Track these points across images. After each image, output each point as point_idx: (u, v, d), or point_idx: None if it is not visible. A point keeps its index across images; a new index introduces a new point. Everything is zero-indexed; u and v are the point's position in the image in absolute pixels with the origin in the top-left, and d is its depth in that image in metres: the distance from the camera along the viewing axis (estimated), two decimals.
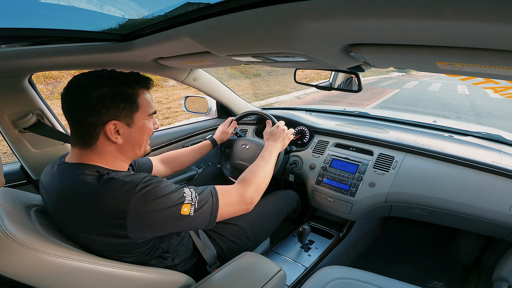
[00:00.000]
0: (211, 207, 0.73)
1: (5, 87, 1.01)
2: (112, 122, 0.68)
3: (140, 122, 0.74)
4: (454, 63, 0.52)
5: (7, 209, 0.62)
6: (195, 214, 0.70)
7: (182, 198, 0.69)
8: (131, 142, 0.74)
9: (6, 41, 0.76)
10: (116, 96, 0.68)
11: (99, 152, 0.71)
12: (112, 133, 0.69)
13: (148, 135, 0.78)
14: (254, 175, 0.90)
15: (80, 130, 0.69)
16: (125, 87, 0.69)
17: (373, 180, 1.30)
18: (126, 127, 0.72)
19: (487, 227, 1.16)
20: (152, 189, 0.66)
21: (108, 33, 0.84)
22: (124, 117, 0.70)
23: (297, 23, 0.47)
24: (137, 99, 0.72)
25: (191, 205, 0.69)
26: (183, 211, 0.68)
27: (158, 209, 0.65)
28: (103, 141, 0.70)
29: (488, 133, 1.40)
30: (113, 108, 0.68)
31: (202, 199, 0.72)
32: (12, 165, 1.20)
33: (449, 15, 0.33)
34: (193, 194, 0.72)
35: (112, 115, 0.68)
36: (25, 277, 0.56)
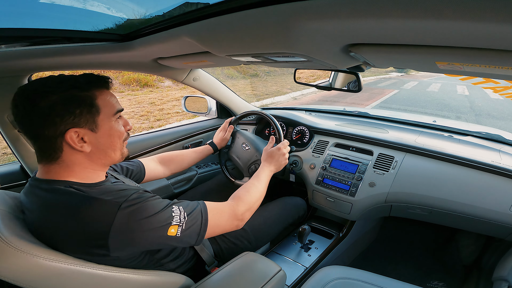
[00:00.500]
0: (199, 228, 0.71)
1: (5, 87, 1.01)
2: (73, 130, 0.62)
3: (106, 125, 0.68)
4: (454, 63, 0.52)
5: (3, 213, 0.61)
6: (182, 234, 0.68)
7: (170, 218, 0.67)
8: (101, 148, 0.69)
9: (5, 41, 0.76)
10: (69, 102, 0.62)
11: (67, 165, 0.66)
12: (75, 141, 0.63)
13: (120, 137, 0.72)
14: (248, 193, 0.90)
15: (40, 144, 0.64)
16: (77, 91, 0.63)
17: (373, 180, 1.30)
18: (91, 133, 0.66)
19: (487, 227, 1.16)
20: (138, 208, 0.63)
21: (108, 33, 0.84)
22: (85, 123, 0.64)
23: (296, 23, 0.47)
24: (95, 101, 0.66)
25: (179, 226, 0.67)
26: (170, 232, 0.66)
27: (143, 229, 0.63)
28: (68, 152, 0.65)
29: (488, 133, 1.40)
30: (68, 115, 0.62)
31: (191, 220, 0.70)
32: (11, 165, 1.20)
33: (448, 15, 0.33)
34: (182, 215, 0.69)
35: (69, 122, 0.62)
36: (21, 280, 0.56)
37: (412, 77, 14.28)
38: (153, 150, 1.52)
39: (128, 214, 0.62)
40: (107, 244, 0.60)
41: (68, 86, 0.63)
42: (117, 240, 0.61)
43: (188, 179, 1.71)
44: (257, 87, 8.82)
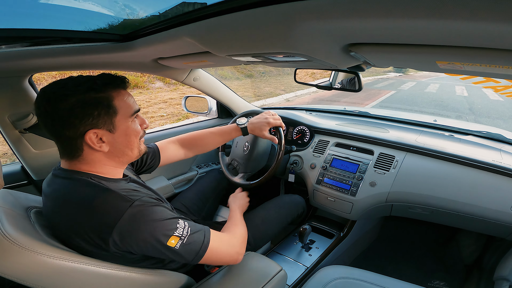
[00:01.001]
0: (199, 248, 0.70)
1: (6, 87, 1.01)
2: (92, 131, 0.65)
3: (123, 125, 0.70)
4: (455, 62, 0.52)
5: (7, 211, 0.62)
6: (180, 248, 0.67)
7: (174, 229, 0.67)
8: (119, 148, 0.71)
9: (6, 42, 0.76)
10: (87, 104, 0.64)
11: (87, 162, 0.69)
12: (94, 142, 0.66)
13: (136, 136, 0.74)
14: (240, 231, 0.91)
15: (62, 143, 0.67)
16: (94, 93, 0.65)
17: (373, 180, 1.30)
18: (109, 134, 0.68)
19: (488, 226, 1.16)
20: (148, 210, 0.65)
21: (108, 33, 0.84)
22: (103, 124, 0.66)
23: (297, 22, 0.47)
24: (112, 102, 0.67)
25: (180, 239, 0.67)
26: (170, 242, 0.66)
27: (145, 233, 0.63)
28: (88, 151, 0.68)
29: (488, 132, 1.40)
30: (87, 117, 0.64)
31: (193, 237, 0.70)
32: (12, 166, 1.20)
33: (449, 14, 0.33)
34: (186, 230, 0.69)
35: (88, 124, 0.64)
36: (25, 278, 0.56)
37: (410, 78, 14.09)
38: None
39: (138, 212, 0.63)
40: (109, 238, 0.62)
41: (86, 89, 0.64)
42: (119, 235, 0.62)
43: (189, 179, 1.71)
44: (249, 88, 8.67)
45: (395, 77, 14.18)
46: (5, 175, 1.15)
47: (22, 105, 1.06)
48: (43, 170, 1.17)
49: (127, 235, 0.63)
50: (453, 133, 1.42)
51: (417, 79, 13.39)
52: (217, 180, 1.49)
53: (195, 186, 1.44)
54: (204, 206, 1.37)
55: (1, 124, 1.05)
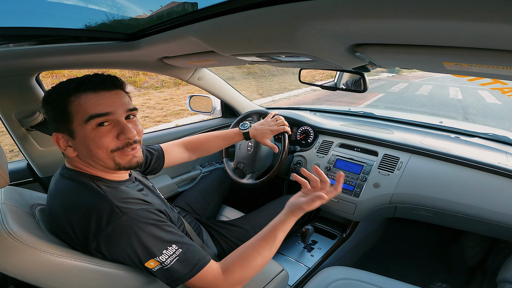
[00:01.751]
0: (178, 277, 0.65)
1: (13, 85, 1.03)
2: (57, 134, 0.66)
3: (80, 133, 0.64)
4: (462, 64, 0.51)
5: (12, 208, 0.62)
6: (157, 271, 0.64)
7: (156, 254, 0.63)
8: (84, 155, 0.67)
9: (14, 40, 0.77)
10: (53, 108, 0.65)
11: (72, 161, 0.70)
12: (60, 144, 0.66)
13: (101, 148, 0.64)
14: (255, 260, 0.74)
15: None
16: (55, 96, 0.64)
17: (377, 181, 1.29)
18: (71, 139, 0.66)
19: (492, 228, 1.14)
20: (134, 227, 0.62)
21: (114, 32, 0.85)
22: (64, 129, 0.65)
23: (302, 23, 0.47)
24: (67, 107, 0.63)
25: (160, 264, 0.64)
26: (148, 263, 0.63)
27: (126, 247, 0.62)
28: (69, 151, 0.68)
29: (495, 134, 1.38)
30: (52, 119, 0.66)
31: (178, 266, 0.65)
32: (18, 163, 1.22)
33: (457, 15, 0.33)
34: (172, 257, 0.64)
35: (54, 126, 0.66)
36: (28, 276, 0.56)
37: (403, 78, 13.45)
38: None
39: (125, 226, 0.62)
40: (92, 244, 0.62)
41: (54, 92, 0.65)
42: (102, 244, 0.62)
43: (192, 178, 1.72)
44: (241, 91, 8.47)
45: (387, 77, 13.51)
46: (10, 172, 1.16)
47: (29, 103, 1.08)
48: (48, 168, 1.18)
49: (109, 245, 0.62)
50: (459, 135, 1.41)
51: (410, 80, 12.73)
52: (221, 179, 1.49)
53: (199, 185, 1.45)
54: (208, 205, 1.37)
55: (8, 121, 1.06)
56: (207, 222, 1.17)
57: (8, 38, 0.75)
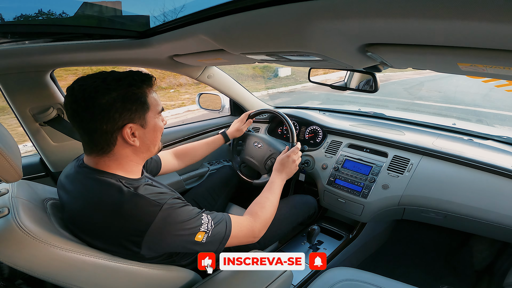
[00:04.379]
0: (222, 237, 0.75)
1: (28, 81, 1.05)
2: (128, 126, 0.67)
3: (152, 121, 0.73)
4: (477, 65, 0.50)
5: (24, 202, 0.63)
6: (206, 241, 0.72)
7: (200, 226, 0.71)
8: (146, 143, 0.74)
9: (29, 37, 0.79)
10: (127, 99, 0.66)
11: (116, 158, 0.70)
12: (129, 136, 0.68)
13: (160, 133, 0.78)
14: (263, 209, 0.92)
15: (96, 138, 0.67)
16: (134, 88, 0.67)
17: (386, 182, 1.28)
18: (141, 129, 0.71)
19: (503, 232, 1.11)
20: (175, 212, 0.68)
21: (126, 30, 0.86)
22: (138, 119, 0.69)
23: (312, 22, 0.47)
24: (147, 98, 0.70)
25: (205, 233, 0.71)
26: (197, 237, 0.70)
27: (176, 233, 0.67)
28: (120, 146, 0.70)
29: (509, 137, 1.34)
30: (127, 111, 0.66)
31: (216, 229, 0.74)
32: (31, 158, 1.25)
33: (472, 16, 0.32)
34: (210, 224, 0.73)
35: (127, 118, 0.67)
36: (37, 270, 0.57)
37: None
38: (166, 146, 1.55)
39: (167, 215, 0.66)
40: (141, 241, 0.64)
41: (127, 84, 0.66)
42: (151, 238, 0.65)
43: (200, 175, 1.73)
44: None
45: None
46: (24, 167, 1.19)
47: (43, 99, 1.10)
48: (61, 163, 1.21)
49: (159, 238, 0.66)
50: (472, 137, 1.37)
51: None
52: (228, 177, 1.49)
53: (206, 182, 1.46)
54: (215, 203, 1.38)
55: (22, 116, 1.09)
56: None
57: (23, 36, 0.77)
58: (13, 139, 0.65)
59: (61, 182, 0.75)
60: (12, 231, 0.55)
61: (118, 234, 0.64)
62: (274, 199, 0.99)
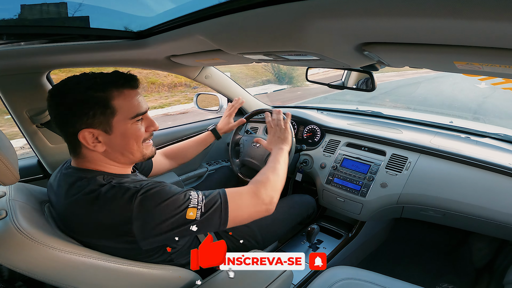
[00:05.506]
0: (220, 210, 0.68)
1: (24, 83, 1.05)
2: (87, 131, 0.64)
3: (120, 127, 0.67)
4: (473, 63, 0.50)
5: (21, 205, 0.63)
6: (201, 218, 0.65)
7: (188, 201, 0.65)
8: (116, 149, 0.69)
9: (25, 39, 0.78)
10: (84, 103, 0.63)
11: (89, 160, 0.69)
12: (88, 141, 0.65)
13: (137, 139, 0.71)
14: (266, 174, 0.83)
15: (65, 139, 0.69)
16: (92, 92, 0.64)
17: (385, 181, 1.28)
18: (105, 134, 0.67)
19: (502, 230, 1.12)
20: (155, 193, 0.64)
21: (123, 30, 0.85)
22: (98, 124, 0.65)
23: (309, 21, 0.47)
24: (111, 102, 0.65)
25: (197, 209, 0.65)
26: (189, 215, 0.64)
27: (162, 213, 0.63)
28: (86, 150, 0.68)
29: (506, 134, 1.35)
30: (84, 116, 0.63)
31: (209, 202, 0.67)
32: (29, 160, 1.24)
33: (468, 14, 0.32)
34: (200, 197, 0.67)
35: (84, 123, 0.64)
36: (36, 272, 0.57)
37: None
38: (163, 147, 1.54)
39: (145, 199, 0.62)
40: (132, 231, 0.62)
41: (85, 87, 0.64)
42: (139, 226, 0.62)
43: (199, 175, 1.73)
44: None
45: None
46: (21, 169, 1.19)
47: (40, 100, 1.10)
48: (58, 164, 1.19)
49: (146, 223, 0.62)
50: (470, 135, 1.38)
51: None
52: (227, 177, 1.49)
53: (205, 183, 1.46)
54: None
55: (19, 118, 1.08)
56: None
57: (19, 37, 0.77)
58: (9, 142, 0.65)
59: (50, 185, 0.75)
60: (10, 234, 0.55)
61: (107, 228, 0.63)
62: (279, 165, 0.88)
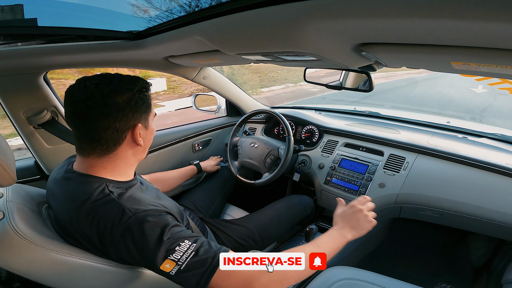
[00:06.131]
0: (201, 277, 0.59)
1: (21, 84, 1.04)
2: (139, 125, 0.71)
3: (151, 124, 0.78)
4: (470, 63, 0.51)
5: (19, 206, 0.63)
6: (177, 275, 0.59)
7: (171, 252, 0.59)
8: (145, 144, 0.76)
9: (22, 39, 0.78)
10: (140, 100, 0.70)
11: (115, 159, 0.70)
12: (138, 135, 0.71)
13: (153, 135, 0.81)
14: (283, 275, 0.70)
15: (104, 136, 0.66)
16: (145, 91, 0.72)
17: (383, 181, 1.28)
18: (145, 130, 0.74)
19: (499, 229, 1.13)
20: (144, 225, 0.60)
21: (121, 31, 0.85)
22: (144, 120, 0.73)
23: (307, 22, 0.47)
24: (149, 100, 0.74)
25: (176, 264, 0.59)
26: (164, 266, 0.59)
27: (138, 249, 0.60)
28: (126, 145, 0.71)
29: (503, 134, 1.36)
30: (138, 112, 0.70)
31: (196, 262, 0.60)
32: (26, 161, 1.23)
33: (465, 15, 0.32)
34: (187, 254, 0.60)
35: (137, 118, 0.70)
36: (34, 274, 0.56)
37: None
38: (163, 147, 1.54)
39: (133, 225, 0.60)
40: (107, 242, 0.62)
41: (141, 86, 0.70)
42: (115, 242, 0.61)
43: (197, 177, 1.72)
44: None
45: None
46: (18, 170, 1.18)
47: (37, 101, 1.09)
48: (55, 166, 1.20)
49: (122, 245, 0.61)
50: (467, 135, 1.39)
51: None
52: (225, 178, 1.49)
53: (203, 183, 1.46)
54: (212, 204, 1.38)
55: (16, 119, 1.08)
56: (211, 221, 1.17)
57: (16, 37, 0.76)
58: (6, 143, 0.65)
59: (49, 187, 0.75)
60: (7, 235, 0.54)
61: (90, 234, 0.62)
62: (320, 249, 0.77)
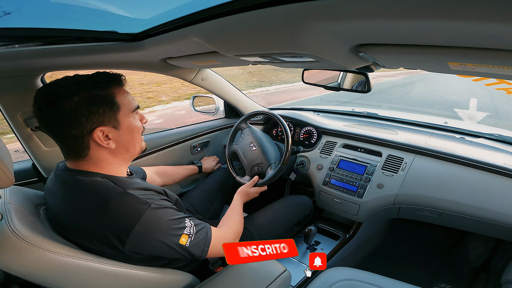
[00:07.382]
0: (204, 244, 0.75)
1: (18, 86, 1.04)
2: (99, 129, 0.66)
3: (126, 121, 0.72)
4: (467, 64, 0.51)
5: (17, 208, 0.63)
6: (189, 245, 0.71)
7: (183, 228, 0.71)
8: (123, 144, 0.72)
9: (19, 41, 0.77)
10: (91, 102, 0.64)
11: (94, 161, 0.69)
12: (101, 140, 0.67)
13: (139, 132, 0.76)
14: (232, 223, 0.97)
15: (68, 144, 0.67)
16: (97, 90, 0.66)
17: (381, 182, 1.29)
18: (114, 130, 0.69)
19: (497, 229, 1.13)
20: (162, 212, 0.68)
21: (118, 33, 0.85)
22: (108, 121, 0.67)
23: (305, 23, 0.47)
24: (115, 98, 0.69)
25: (189, 237, 0.71)
26: (181, 240, 0.70)
27: (161, 233, 0.67)
28: (95, 150, 0.68)
29: (500, 135, 1.37)
30: (93, 114, 0.65)
31: (199, 234, 0.74)
32: (24, 163, 1.23)
33: (462, 15, 0.32)
34: (192, 228, 0.73)
35: (95, 121, 0.65)
36: (33, 275, 0.56)
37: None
38: (162, 149, 1.54)
39: (154, 215, 0.65)
40: (126, 240, 0.63)
41: (88, 86, 0.65)
42: (136, 237, 0.63)
43: (195, 178, 1.72)
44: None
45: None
46: (16, 172, 1.17)
47: None
48: (53, 168, 1.19)
49: (144, 236, 0.64)
50: (464, 136, 1.40)
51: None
52: (223, 180, 1.49)
53: (202, 185, 1.46)
54: (211, 205, 1.38)
55: (13, 121, 1.07)
56: (210, 222, 1.17)
57: (13, 39, 0.76)
58: (3, 145, 0.64)
59: (47, 188, 0.75)
60: (5, 237, 0.54)
61: (104, 231, 0.63)
62: (238, 216, 1.04)
